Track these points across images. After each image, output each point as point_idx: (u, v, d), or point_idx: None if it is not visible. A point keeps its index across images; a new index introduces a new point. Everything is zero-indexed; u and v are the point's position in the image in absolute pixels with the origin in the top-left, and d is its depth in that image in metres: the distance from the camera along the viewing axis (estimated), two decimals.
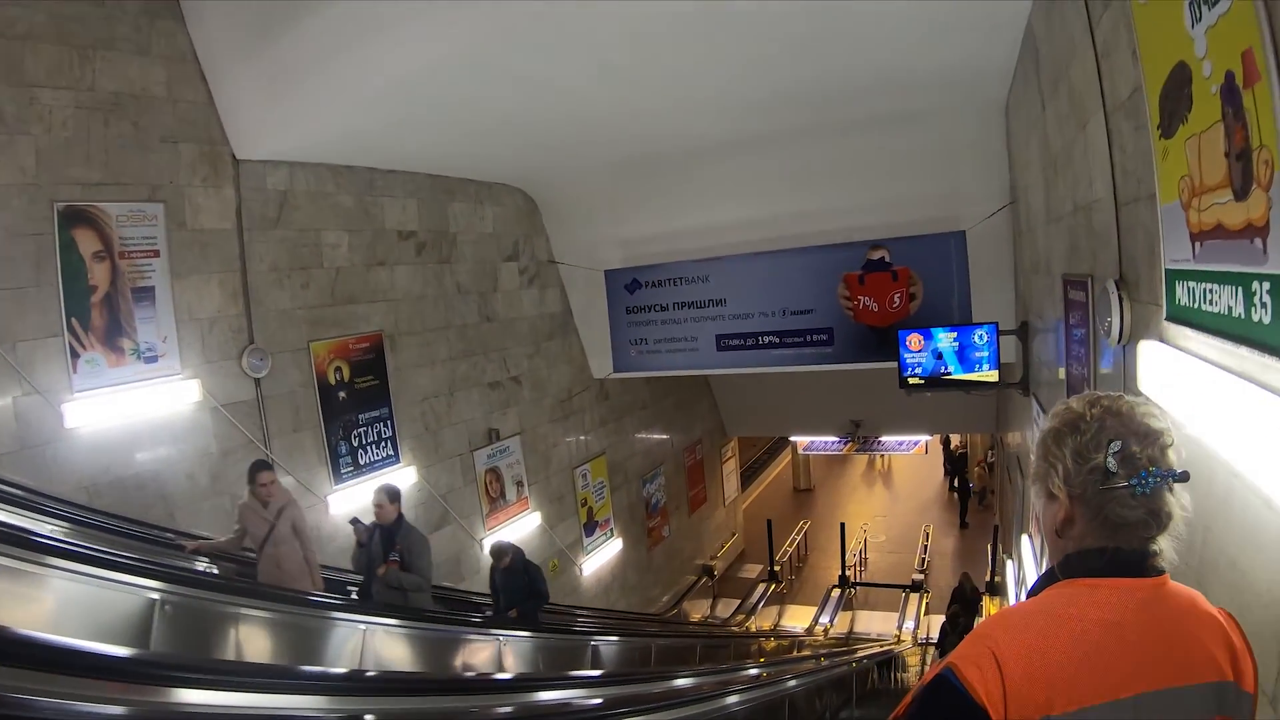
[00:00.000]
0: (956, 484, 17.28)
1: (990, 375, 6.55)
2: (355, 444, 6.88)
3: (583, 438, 10.19)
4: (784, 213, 7.98)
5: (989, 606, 11.77)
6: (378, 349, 7.15)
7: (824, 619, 12.33)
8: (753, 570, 14.68)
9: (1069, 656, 1.06)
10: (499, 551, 6.39)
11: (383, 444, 7.16)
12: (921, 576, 13.68)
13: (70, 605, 2.83)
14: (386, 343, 7.22)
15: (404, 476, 7.24)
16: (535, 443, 9.23)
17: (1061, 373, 3.85)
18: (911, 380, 6.90)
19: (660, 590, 12.33)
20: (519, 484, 8.85)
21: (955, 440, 18.77)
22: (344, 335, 6.80)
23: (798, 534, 15.53)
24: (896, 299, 7.77)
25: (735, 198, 8.13)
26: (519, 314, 9.18)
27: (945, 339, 6.68)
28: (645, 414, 11.99)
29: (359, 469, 6.87)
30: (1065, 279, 3.60)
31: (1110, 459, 1.11)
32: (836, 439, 14.68)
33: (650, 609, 11.67)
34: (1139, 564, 1.12)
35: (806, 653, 10.65)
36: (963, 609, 10.57)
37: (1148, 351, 1.94)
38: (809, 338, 8.10)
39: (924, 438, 14.72)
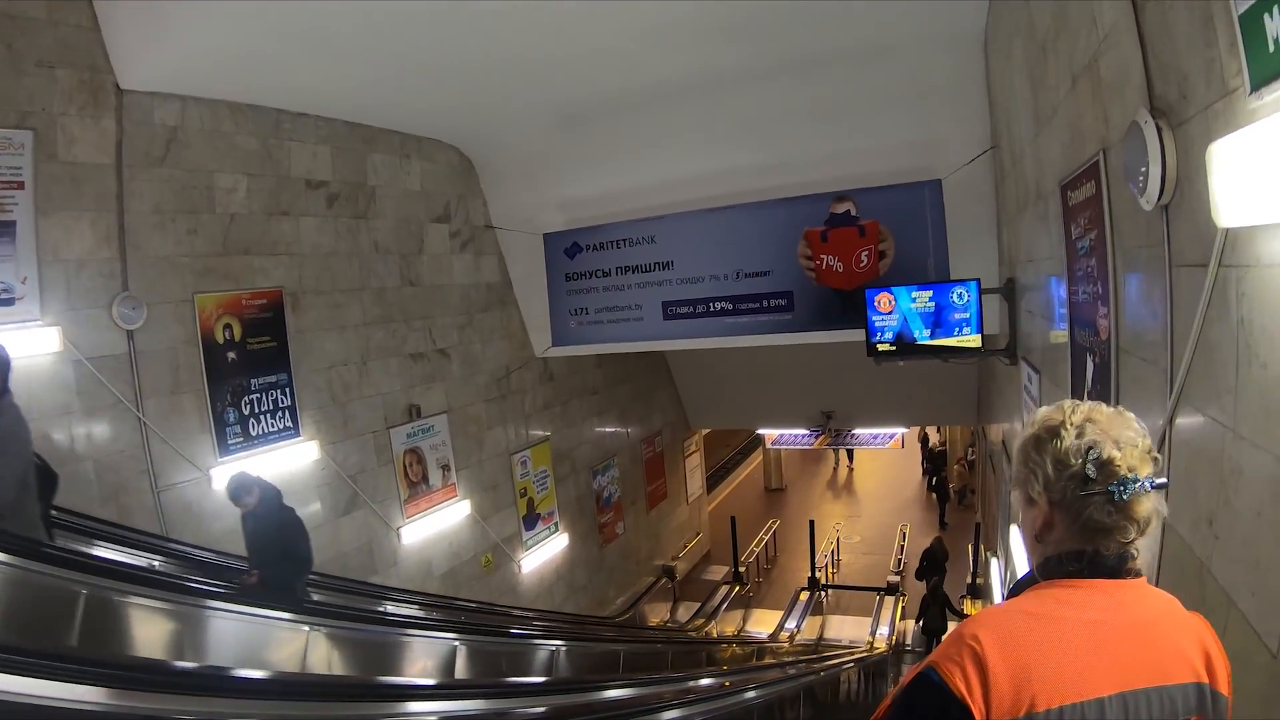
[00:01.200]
0: (935, 483, 16.89)
1: (972, 340, 5.96)
2: (246, 412, 6.27)
3: (523, 421, 9.60)
4: (740, 166, 7.45)
5: (970, 609, 11.33)
6: (276, 307, 6.56)
7: (790, 624, 11.76)
8: (718, 572, 14.13)
9: (1049, 655, 1.12)
10: (239, 488, 4.74)
11: (280, 414, 6.55)
12: (897, 579, 13.20)
13: None
14: (288, 301, 6.65)
15: (304, 452, 6.67)
16: (465, 424, 8.63)
17: (1060, 335, 3.33)
18: (881, 347, 6.31)
19: (615, 591, 11.73)
20: (445, 468, 8.24)
21: (934, 438, 18.44)
22: (237, 289, 6.24)
23: (766, 533, 15.01)
24: (864, 257, 7.21)
25: (687, 150, 7.60)
26: (448, 281, 8.60)
27: (920, 299, 6.10)
28: (596, 400, 11.41)
29: (250, 440, 6.27)
30: (1064, 185, 3.08)
31: (1089, 466, 1.17)
32: (807, 432, 14.18)
33: (603, 611, 11.06)
34: (1117, 567, 1.19)
35: (768, 660, 10.11)
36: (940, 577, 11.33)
37: (1230, 151, 1.34)
38: (766, 303, 7.54)
39: (900, 430, 14.25)
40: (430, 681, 4.87)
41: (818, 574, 13.10)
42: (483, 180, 9.13)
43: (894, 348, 6.20)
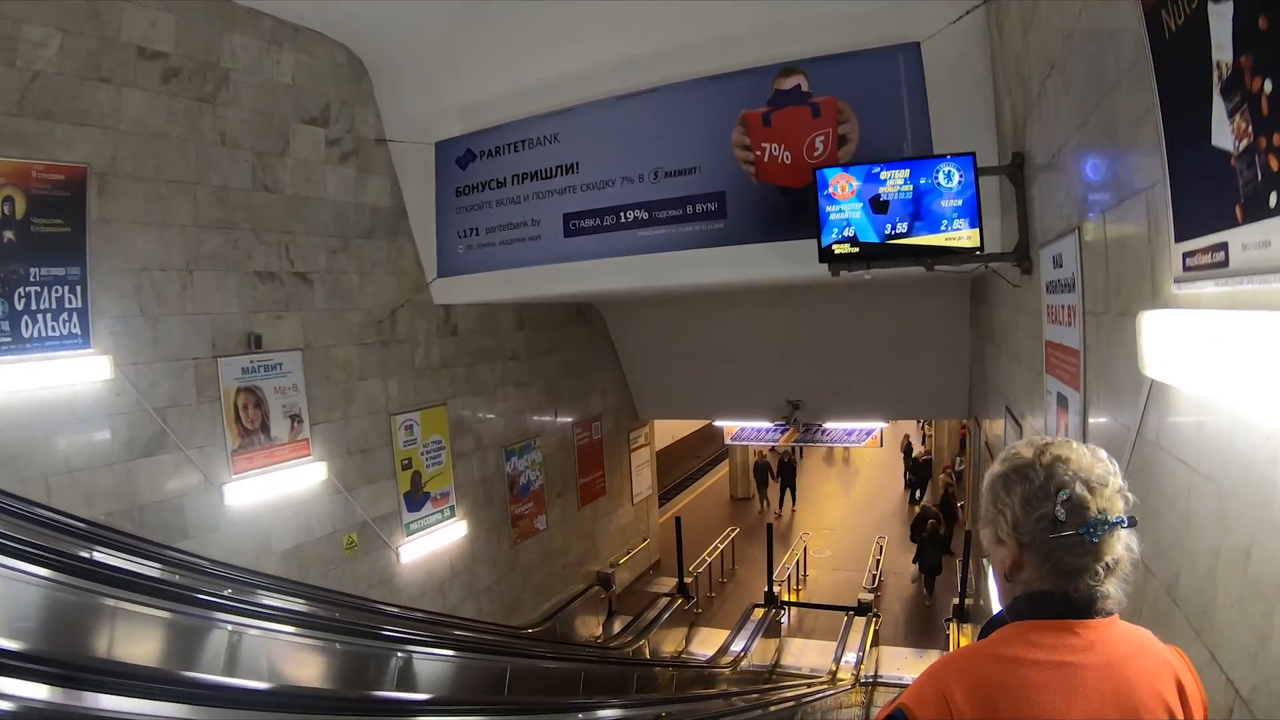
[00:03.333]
0: (919, 495, 15.82)
1: (967, 236, 4.58)
2: (19, 306, 5.26)
3: (411, 377, 8.45)
4: (665, 47, 6.41)
5: (959, 639, 10.11)
6: (77, 187, 5.60)
7: (737, 645, 10.53)
8: (668, 584, 12.87)
9: (1019, 697, 1.18)
10: None
11: (65, 316, 5.52)
12: (871, 596, 12.00)
13: None
14: (93, 181, 5.71)
15: (93, 368, 5.60)
16: (329, 368, 7.49)
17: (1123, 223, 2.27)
18: (839, 249, 4.87)
19: (533, 597, 10.51)
20: (295, 419, 7.08)
21: (918, 447, 17.43)
22: (26, 158, 5.31)
23: (722, 541, 13.82)
24: (819, 144, 6.04)
25: (603, 31, 6.57)
26: (319, 194, 7.54)
27: (892, 181, 4.71)
28: (515, 367, 10.28)
29: (21, 343, 5.25)
30: None
31: (1059, 508, 1.23)
32: (771, 425, 13.06)
33: (514, 620, 9.84)
34: (1087, 607, 1.25)
35: (695, 692, 8.90)
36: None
37: None
38: (691, 208, 6.40)
39: (879, 425, 13.11)
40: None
41: (776, 588, 11.88)
42: (377, 89, 8.11)
43: (856, 249, 4.80)
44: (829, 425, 12.93)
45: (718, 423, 13.62)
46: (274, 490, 6.83)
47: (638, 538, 13.74)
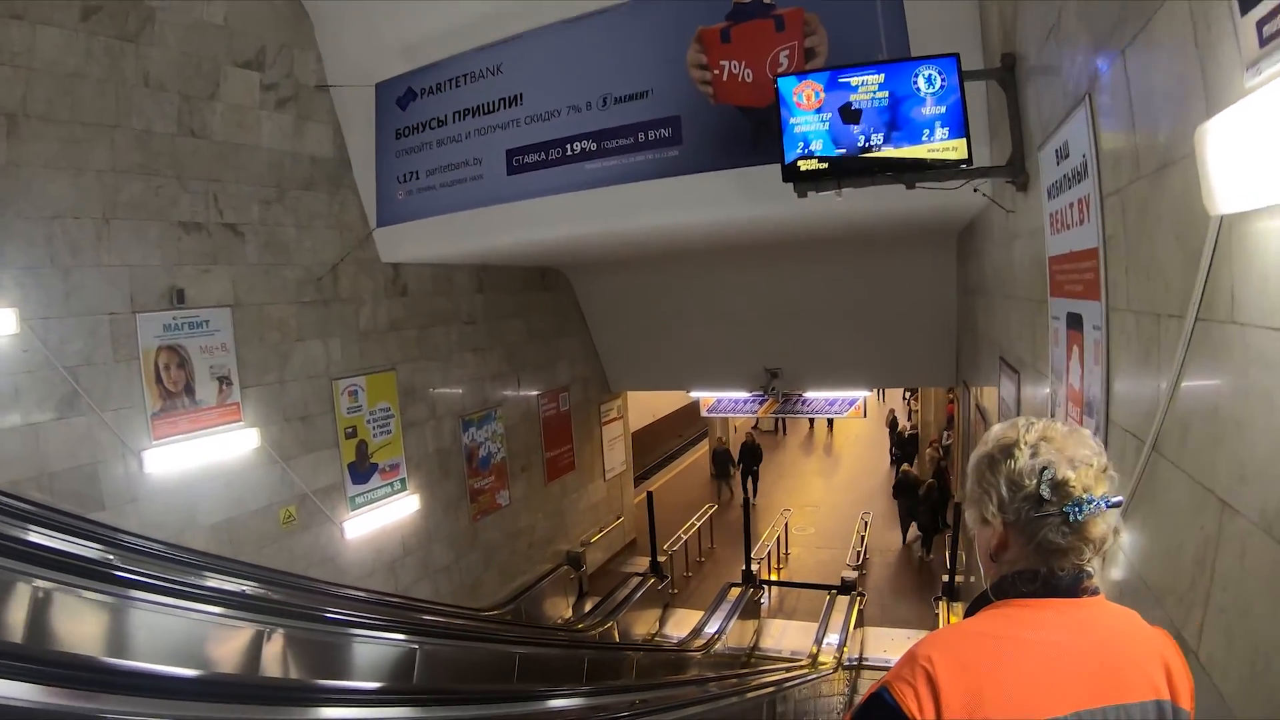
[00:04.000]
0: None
1: (952, 147, 4.17)
2: None
3: (356, 339, 8.08)
4: None
5: (950, 618, 9.84)
6: None
7: (711, 626, 10.24)
8: (643, 564, 12.62)
9: (1004, 676, 1.20)
10: None
11: None
12: (855, 575, 11.75)
13: None
14: (1, 123, 5.38)
15: None
16: (262, 327, 7.12)
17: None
18: (805, 165, 4.44)
19: (496, 578, 10.20)
20: (224, 381, 6.71)
21: (903, 421, 17.21)
22: None
23: (700, 519, 13.54)
24: (784, 58, 5.64)
25: None
26: (252, 141, 7.15)
27: (864, 87, 4.29)
28: (473, 332, 9.92)
29: None
30: None
31: (1044, 487, 1.25)
32: (749, 395, 12.77)
33: (475, 602, 9.53)
34: (1072, 586, 1.28)
35: (659, 680, 8.55)
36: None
37: None
38: (643, 135, 6.00)
39: (861, 394, 12.83)
40: None
41: (755, 566, 11.62)
42: (319, 32, 7.69)
43: (824, 165, 4.36)
44: (809, 395, 12.64)
45: (694, 394, 13.28)
46: (200, 458, 6.47)
47: (611, 516, 13.45)
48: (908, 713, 1.18)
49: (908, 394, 25.43)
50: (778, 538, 13.12)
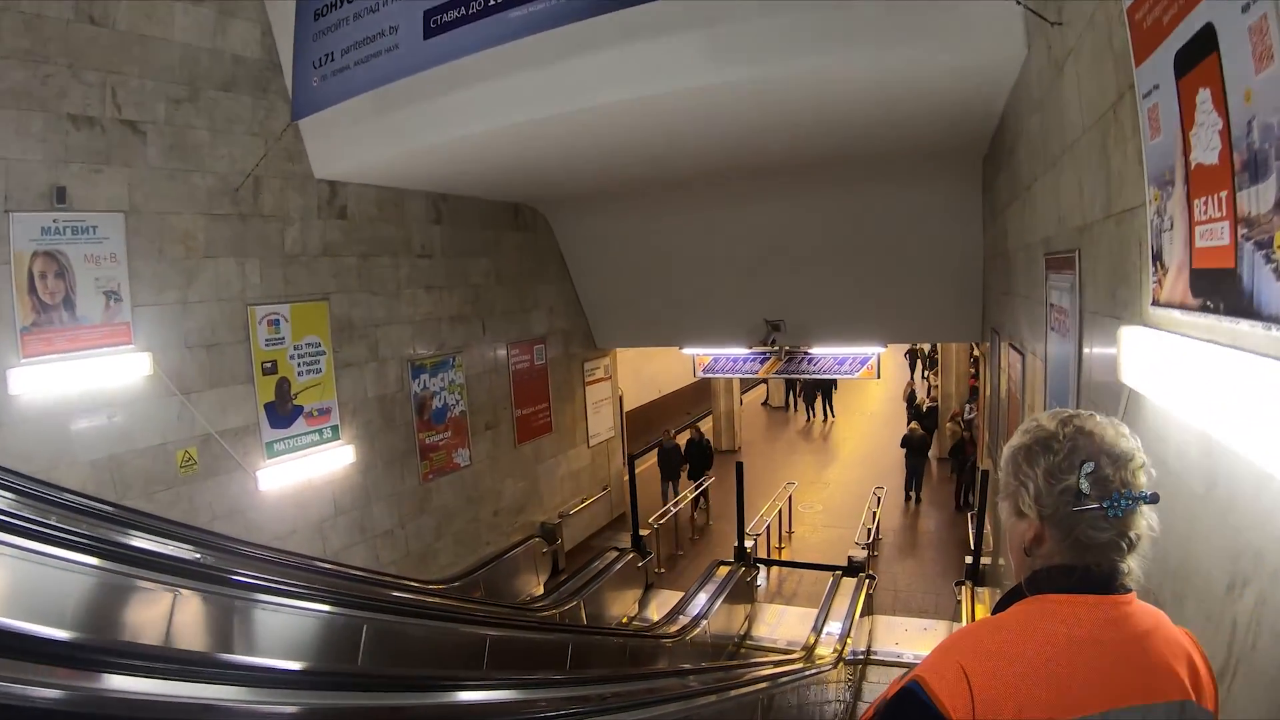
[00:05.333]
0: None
1: None
2: None
3: (279, 262, 7.39)
4: None
5: (974, 604, 8.98)
6: None
7: (693, 608, 9.46)
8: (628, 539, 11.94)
9: (1037, 672, 1.22)
10: None
11: None
12: (864, 554, 10.93)
13: None
14: None
15: None
16: (163, 239, 6.45)
17: None
18: None
19: (454, 546, 9.54)
20: (112, 295, 6.06)
21: (921, 394, 16.40)
22: None
23: (693, 491, 12.80)
24: None
25: None
26: (162, 34, 6.43)
27: None
28: (428, 266, 9.19)
29: None
30: None
31: (1083, 480, 1.28)
32: (749, 353, 11.95)
33: (426, 574, 8.85)
34: (1107, 582, 1.30)
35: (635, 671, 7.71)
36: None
37: None
38: None
39: (875, 350, 11.87)
40: None
41: (749, 543, 10.85)
42: None
43: None
44: (816, 351, 11.74)
45: (687, 350, 12.47)
46: (80, 383, 5.83)
47: (596, 486, 12.75)
48: (939, 706, 1.20)
49: (926, 371, 24.57)
50: (779, 510, 12.32)
